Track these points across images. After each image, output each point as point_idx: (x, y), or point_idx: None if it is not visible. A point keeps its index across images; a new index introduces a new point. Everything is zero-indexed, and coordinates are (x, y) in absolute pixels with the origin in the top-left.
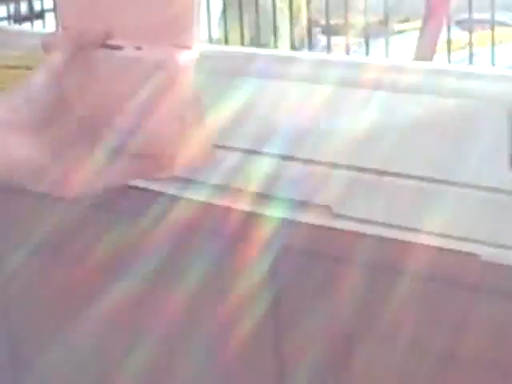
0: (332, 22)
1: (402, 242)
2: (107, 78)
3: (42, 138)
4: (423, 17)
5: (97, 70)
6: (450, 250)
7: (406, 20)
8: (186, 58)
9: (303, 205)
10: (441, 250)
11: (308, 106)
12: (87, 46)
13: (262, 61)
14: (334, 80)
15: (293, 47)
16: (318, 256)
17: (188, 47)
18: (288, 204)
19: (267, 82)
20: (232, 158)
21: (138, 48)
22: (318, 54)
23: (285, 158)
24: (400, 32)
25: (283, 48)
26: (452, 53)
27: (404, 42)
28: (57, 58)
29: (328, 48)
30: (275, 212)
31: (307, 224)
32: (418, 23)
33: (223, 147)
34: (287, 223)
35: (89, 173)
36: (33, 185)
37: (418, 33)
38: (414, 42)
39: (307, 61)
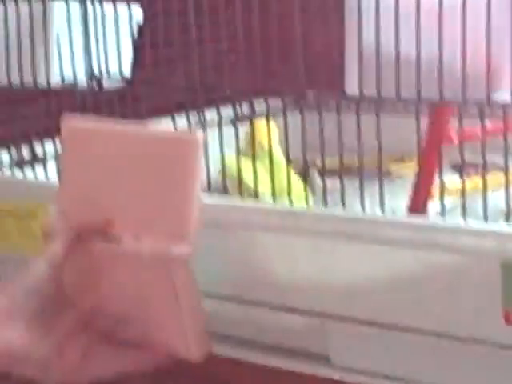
0: (328, 162)
1: None
2: (105, 268)
3: (39, 326)
4: (417, 167)
5: (96, 263)
6: None
7: (402, 159)
8: (183, 251)
9: (301, 355)
10: None
11: (304, 257)
12: (87, 236)
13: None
14: (332, 233)
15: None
16: None
17: (186, 240)
18: (287, 354)
19: (264, 235)
20: (228, 309)
21: (137, 238)
22: (316, 209)
23: (283, 308)
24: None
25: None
26: (448, 197)
27: (400, 186)
28: (57, 248)
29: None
30: (273, 362)
31: (306, 374)
32: (412, 163)
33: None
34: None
35: (85, 361)
36: (32, 375)
37: (410, 176)
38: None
39: (305, 215)
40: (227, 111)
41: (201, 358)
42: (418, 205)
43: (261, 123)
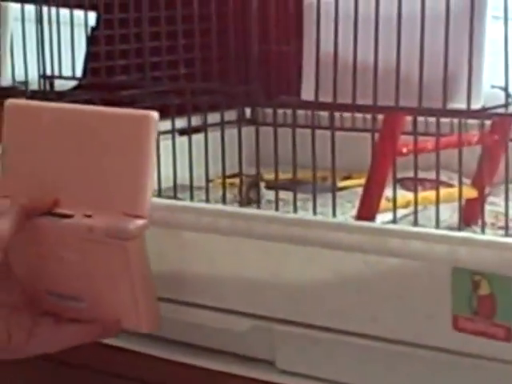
0: (270, 176)
1: None
2: (54, 245)
3: None
4: (367, 177)
5: (45, 238)
6: None
7: (349, 177)
8: (137, 227)
9: (247, 359)
10: None
11: (253, 260)
12: (35, 215)
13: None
14: (282, 236)
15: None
16: None
17: (139, 217)
18: (232, 357)
19: (213, 236)
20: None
21: (88, 216)
22: (267, 211)
23: (230, 311)
24: (342, 189)
25: None
26: (391, 211)
27: (346, 199)
28: (3, 226)
29: (276, 203)
30: (220, 367)
31: (252, 379)
32: (360, 180)
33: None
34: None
35: (31, 336)
36: None
37: (360, 190)
38: (356, 199)
39: (256, 217)
40: (180, 122)
41: (151, 331)
42: (365, 213)
43: None
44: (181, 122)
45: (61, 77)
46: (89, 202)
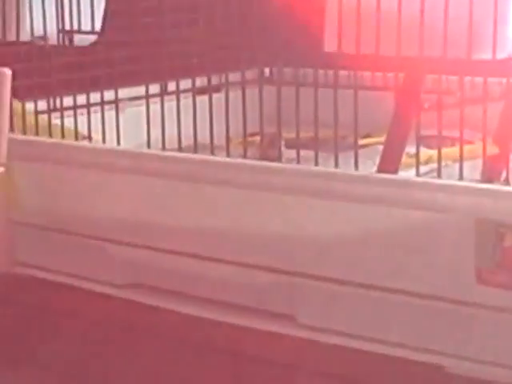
0: (291, 135)
1: (365, 352)
2: None
3: None
4: (388, 131)
5: None
6: (415, 362)
7: (368, 135)
8: None
9: (268, 314)
10: (406, 361)
11: (275, 214)
12: None
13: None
14: (304, 190)
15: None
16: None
17: None
18: (252, 312)
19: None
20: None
21: None
22: (289, 165)
23: (253, 266)
24: (363, 146)
25: None
26: (412, 168)
27: (366, 157)
28: None
29: (298, 158)
30: (242, 321)
31: (273, 333)
32: (380, 138)
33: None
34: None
35: None
36: None
37: (380, 147)
38: (377, 156)
39: (278, 170)
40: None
41: (5, 271)
42: (387, 167)
43: None
44: (200, 82)
45: (80, 31)
46: None
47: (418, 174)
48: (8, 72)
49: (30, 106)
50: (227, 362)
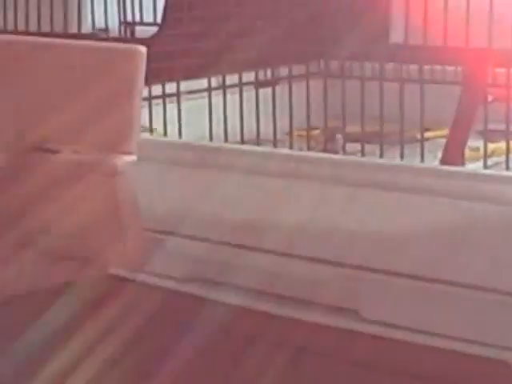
0: (351, 129)
1: (430, 347)
2: (42, 180)
3: None
4: (452, 123)
5: (32, 173)
6: (480, 357)
7: (427, 129)
8: (123, 162)
9: (330, 308)
10: (472, 357)
11: (339, 207)
12: (23, 150)
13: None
14: (369, 182)
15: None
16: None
17: (127, 153)
18: (315, 306)
19: (299, 183)
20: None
21: (75, 151)
22: (354, 157)
23: (316, 260)
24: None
25: None
26: (475, 162)
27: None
28: None
29: (362, 151)
30: (304, 316)
31: (336, 328)
32: (441, 132)
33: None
34: (315, 326)
35: (22, 274)
36: None
37: (441, 141)
38: (438, 150)
39: (343, 164)
40: (249, 75)
41: (137, 268)
42: (451, 160)
43: None
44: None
45: (142, 23)
46: (77, 137)
47: (485, 167)
48: (142, 50)
49: None
50: (289, 356)
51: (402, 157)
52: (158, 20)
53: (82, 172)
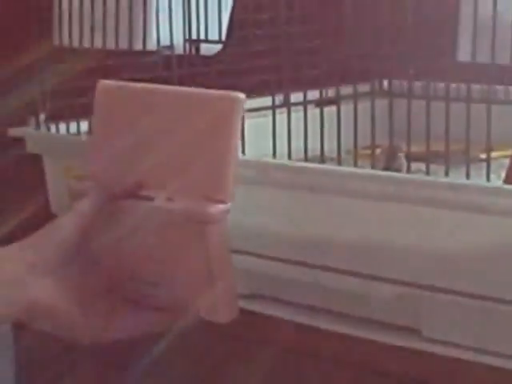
0: (415, 149)
1: (494, 368)
2: (135, 228)
3: (65, 283)
4: None
5: (125, 220)
6: None
7: (490, 149)
8: (218, 211)
9: (393, 328)
10: None
11: (402, 225)
12: (117, 197)
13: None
14: (433, 201)
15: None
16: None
17: (222, 201)
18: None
19: (361, 201)
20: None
21: (170, 199)
22: (417, 176)
23: (377, 278)
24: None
25: None
26: None
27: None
28: (85, 205)
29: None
30: (365, 334)
31: (397, 347)
32: (504, 152)
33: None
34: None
35: (109, 322)
36: (51, 328)
37: (503, 161)
38: (501, 170)
39: (406, 181)
40: (312, 94)
41: (228, 320)
42: None
43: None
44: (315, 94)
45: (207, 40)
46: (171, 184)
47: None
48: (241, 97)
49: None
50: (350, 375)
51: (467, 176)
52: (223, 37)
53: (175, 220)
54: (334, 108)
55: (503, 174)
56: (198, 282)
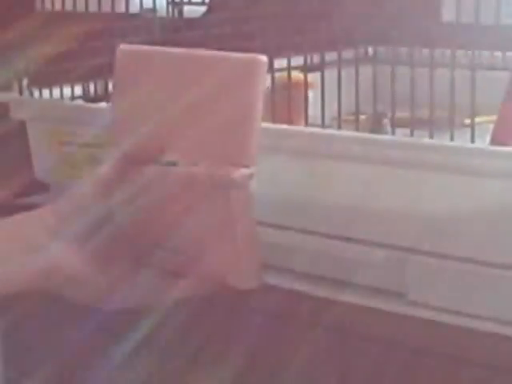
0: (399, 115)
1: (480, 332)
2: (158, 194)
3: (87, 248)
4: (502, 106)
5: (148, 186)
6: None
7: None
8: (243, 176)
9: (378, 291)
10: None
11: (387, 188)
12: (140, 162)
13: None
14: (419, 163)
15: None
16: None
17: (246, 166)
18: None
19: (346, 164)
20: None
21: (194, 164)
22: (402, 138)
23: (364, 242)
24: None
25: None
26: None
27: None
28: (107, 171)
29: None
30: (349, 298)
31: (383, 311)
32: (488, 117)
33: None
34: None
35: (132, 288)
36: (72, 294)
37: (488, 126)
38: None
39: (391, 143)
40: (296, 60)
41: (254, 287)
42: (502, 138)
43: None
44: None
45: (190, 2)
46: (194, 149)
47: None
48: (265, 60)
49: None
50: (335, 339)
51: (452, 140)
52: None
53: (199, 185)
54: (318, 74)
55: (488, 139)
56: (223, 248)
